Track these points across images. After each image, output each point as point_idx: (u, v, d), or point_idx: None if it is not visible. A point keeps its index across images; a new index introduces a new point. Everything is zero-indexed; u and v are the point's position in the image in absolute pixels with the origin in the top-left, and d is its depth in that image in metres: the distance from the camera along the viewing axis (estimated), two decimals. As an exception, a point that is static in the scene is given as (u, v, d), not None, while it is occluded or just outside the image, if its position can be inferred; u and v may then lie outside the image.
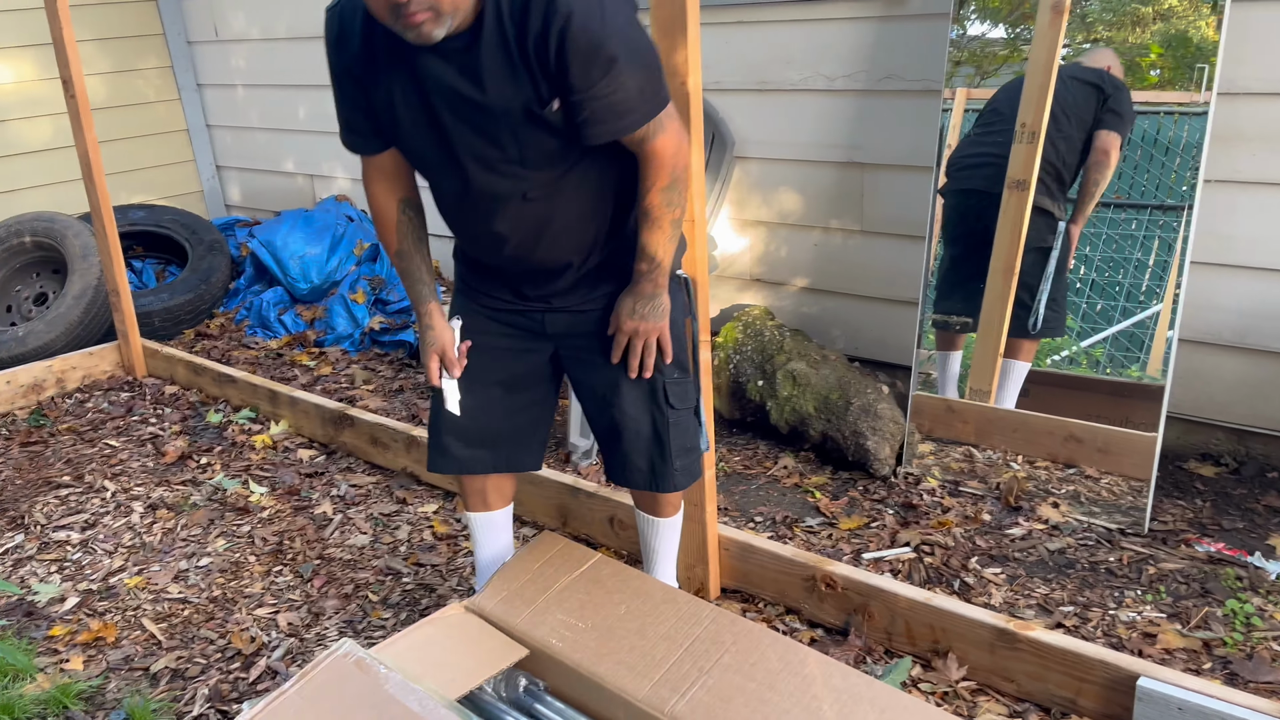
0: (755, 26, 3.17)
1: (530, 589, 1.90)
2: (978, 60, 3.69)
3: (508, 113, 1.58)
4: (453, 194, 1.72)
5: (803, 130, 3.18)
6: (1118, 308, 3.00)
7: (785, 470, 2.90)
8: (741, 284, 3.50)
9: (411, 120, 1.64)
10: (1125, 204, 2.93)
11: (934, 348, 3.07)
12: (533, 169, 1.65)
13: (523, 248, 1.74)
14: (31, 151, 4.76)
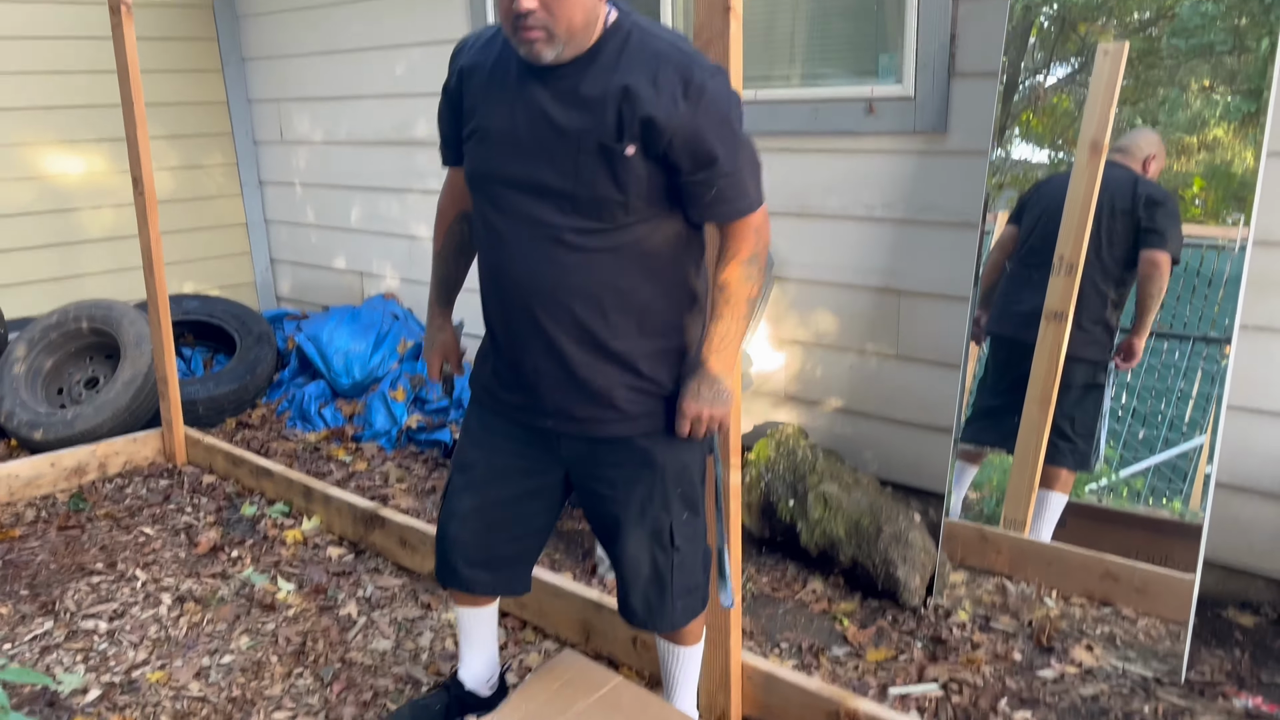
0: (798, 154, 3.26)
1: (547, 710, 1.88)
2: (1019, 184, 3.75)
3: (580, 140, 1.65)
4: (498, 222, 1.76)
5: (841, 255, 3.24)
6: (1160, 438, 2.97)
7: (814, 594, 2.86)
8: (775, 401, 3.52)
9: (496, 134, 1.74)
10: (1168, 334, 2.93)
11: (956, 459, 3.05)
12: (581, 211, 1.69)
13: (546, 303, 1.74)
14: (94, 240, 4.96)
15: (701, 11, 1.91)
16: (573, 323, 1.75)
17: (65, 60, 4.76)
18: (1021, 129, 3.53)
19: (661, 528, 1.85)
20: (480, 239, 1.84)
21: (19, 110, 4.66)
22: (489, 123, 1.74)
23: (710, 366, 1.78)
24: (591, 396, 1.81)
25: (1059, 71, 3.07)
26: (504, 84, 1.73)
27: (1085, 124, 3.04)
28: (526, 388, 1.84)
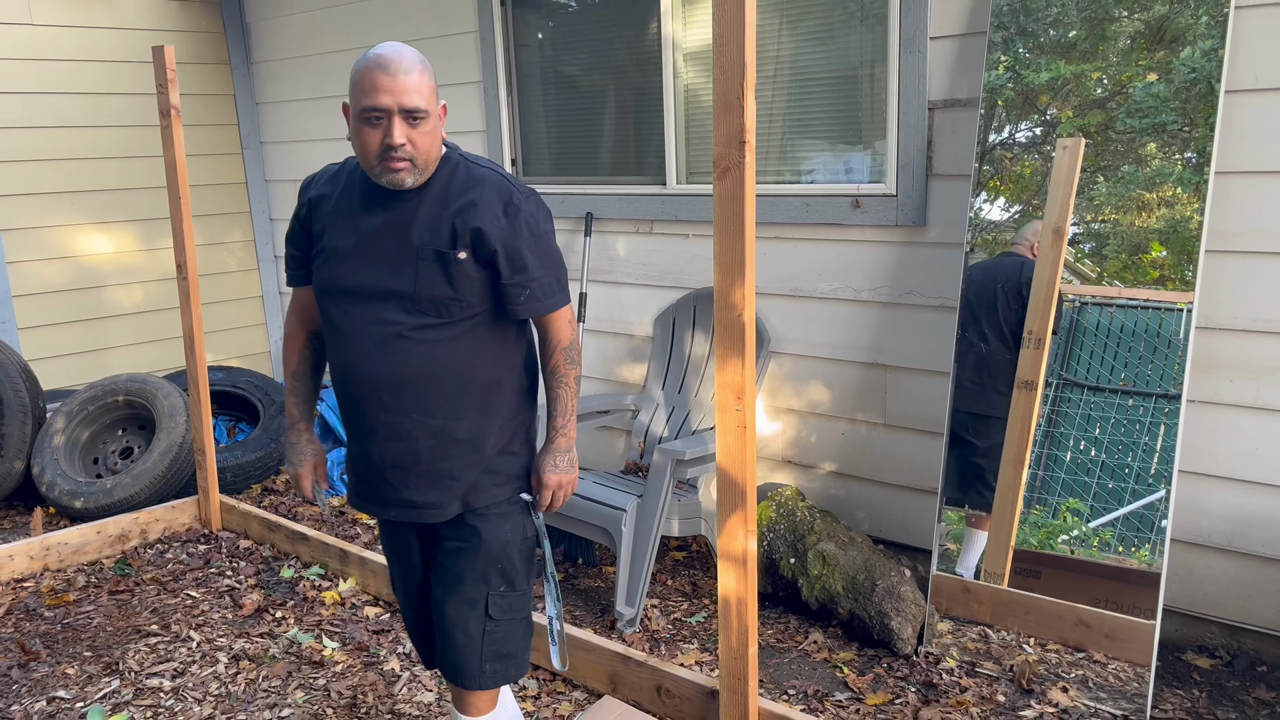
0: (791, 242, 3.61)
1: (596, 751, 2.15)
2: (989, 246, 4.11)
3: (419, 251, 1.94)
4: (347, 325, 1.98)
5: (831, 333, 3.57)
6: (1128, 489, 3.29)
7: (815, 645, 3.14)
8: (774, 464, 3.82)
9: (344, 251, 1.98)
10: (1131, 391, 3.26)
11: (964, 525, 3.36)
12: (421, 309, 1.95)
13: (394, 393, 1.97)
14: (122, 315, 5.23)
15: (720, 144, 2.24)
16: (419, 408, 1.99)
17: (98, 147, 5.08)
18: (990, 194, 3.88)
19: (479, 598, 2.06)
20: (331, 344, 2.04)
21: (53, 194, 4.96)
22: (337, 242, 1.99)
23: (561, 440, 2.11)
24: (435, 481, 2.03)
25: (1022, 140, 3.42)
26: (350, 210, 2.00)
27: (1048, 212, 3.40)
28: (376, 479, 2.06)
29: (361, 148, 1.89)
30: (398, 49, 1.89)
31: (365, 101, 1.86)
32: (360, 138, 1.88)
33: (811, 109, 3.59)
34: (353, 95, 1.90)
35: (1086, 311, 3.97)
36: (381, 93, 1.85)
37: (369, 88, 1.86)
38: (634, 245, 4.11)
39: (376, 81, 1.85)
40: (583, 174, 4.31)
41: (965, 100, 3.17)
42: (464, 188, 1.98)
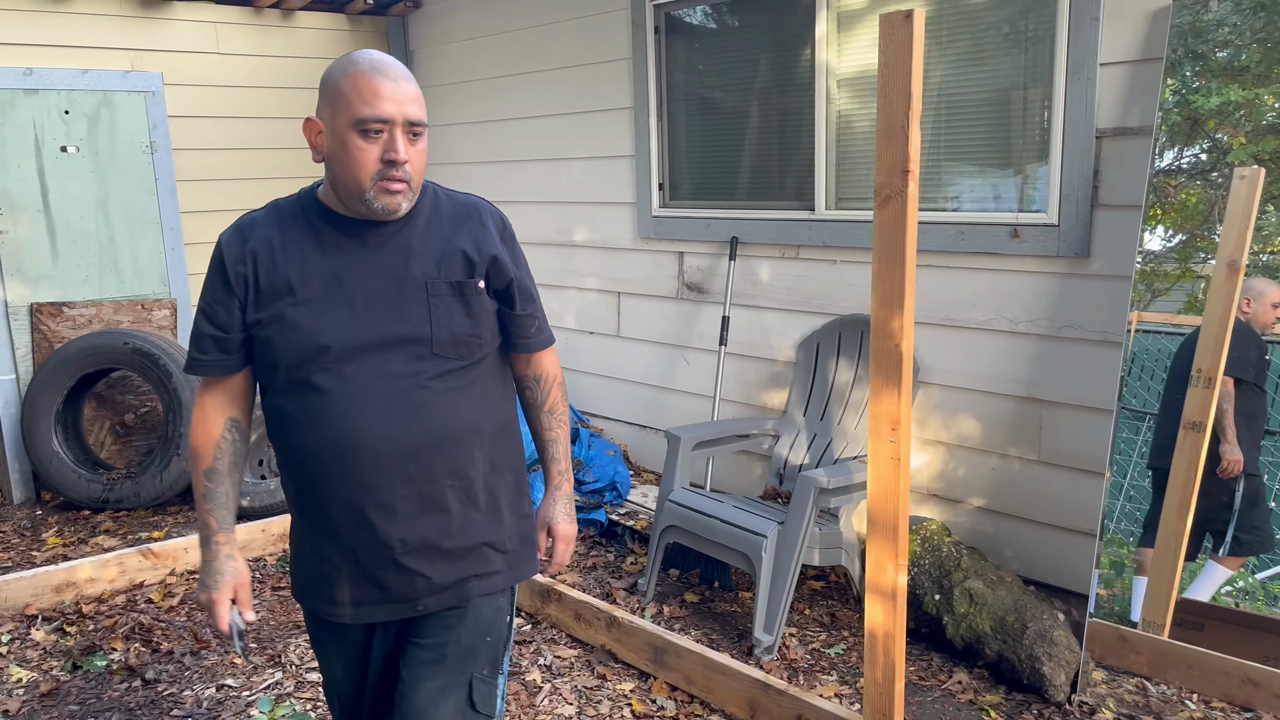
0: (943, 270, 3.54)
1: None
2: (1148, 279, 3.93)
3: (430, 286, 1.68)
4: (341, 390, 1.65)
5: (984, 364, 3.48)
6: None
7: (960, 685, 3.06)
8: (919, 497, 3.75)
9: (324, 301, 1.66)
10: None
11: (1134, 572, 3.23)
12: (441, 353, 1.69)
13: (418, 458, 1.67)
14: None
15: (883, 172, 2.24)
16: (449, 470, 1.71)
17: (273, 168, 5.41)
18: (1150, 224, 3.71)
19: (460, 684, 1.75)
20: (309, 417, 1.67)
21: (231, 212, 5.29)
22: (307, 294, 1.66)
23: (566, 485, 1.91)
24: (466, 556, 1.76)
25: (1187, 167, 3.27)
26: (313, 253, 1.68)
27: (1223, 244, 3.25)
28: (383, 574, 1.72)
29: (351, 166, 1.61)
30: (384, 55, 1.65)
31: (364, 111, 1.58)
32: (349, 154, 1.60)
33: (968, 134, 3.53)
34: (340, 104, 1.60)
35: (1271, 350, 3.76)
36: (385, 100, 1.58)
37: (368, 95, 1.58)
38: (778, 270, 4.11)
39: (378, 87, 1.58)
40: (728, 199, 4.34)
41: (1137, 128, 3.06)
42: (459, 214, 1.77)
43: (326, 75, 1.65)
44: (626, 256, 4.76)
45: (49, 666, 3.18)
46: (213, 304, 1.71)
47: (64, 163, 4.75)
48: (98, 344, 4.54)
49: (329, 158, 1.65)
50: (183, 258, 5.10)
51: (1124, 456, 3.81)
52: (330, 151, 1.64)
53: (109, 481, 4.54)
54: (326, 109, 1.63)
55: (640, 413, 4.85)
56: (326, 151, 1.65)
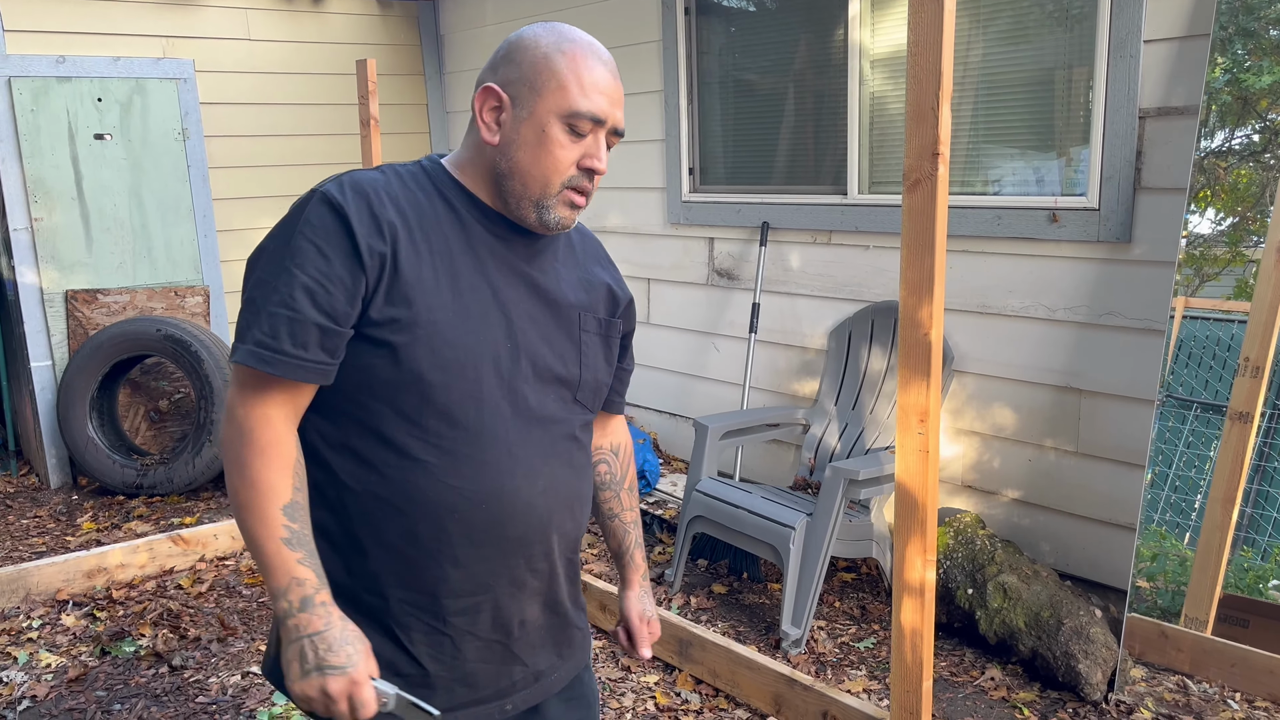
0: (979, 256, 3.44)
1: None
2: (1196, 263, 3.80)
3: (581, 319, 1.40)
4: (491, 426, 1.29)
5: (1021, 353, 3.38)
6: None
7: (992, 682, 2.98)
8: (953, 488, 3.66)
9: (482, 310, 1.30)
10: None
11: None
12: (582, 401, 1.42)
13: (560, 525, 1.38)
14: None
15: (912, 155, 2.16)
16: (573, 544, 1.44)
17: (305, 154, 5.41)
18: (1199, 206, 3.57)
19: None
20: (439, 469, 1.27)
21: (264, 199, 5.32)
22: (463, 299, 1.28)
23: (645, 579, 1.65)
24: (569, 635, 1.48)
25: (1237, 148, 3.14)
26: (464, 248, 1.31)
27: (1273, 228, 3.12)
28: (499, 661, 1.38)
29: (546, 162, 1.28)
30: (589, 36, 1.34)
31: (582, 104, 1.26)
32: (546, 148, 1.27)
33: (1004, 115, 3.42)
34: (550, 85, 1.27)
35: (1310, 336, 3.63)
36: (605, 97, 1.28)
37: (589, 85, 1.27)
38: (810, 256, 4.03)
39: (599, 79, 1.28)
40: (759, 183, 4.26)
41: (1182, 108, 2.94)
42: (588, 243, 1.50)
43: (526, 44, 1.29)
44: (656, 242, 4.70)
45: (78, 652, 3.20)
46: (325, 282, 1.21)
47: (97, 150, 4.78)
48: (131, 331, 4.57)
49: (508, 142, 1.29)
50: (215, 245, 5.12)
51: (1169, 446, 3.69)
52: (514, 137, 1.28)
53: (143, 467, 4.58)
54: (524, 85, 1.28)
55: (670, 400, 4.79)
56: (506, 134, 1.29)
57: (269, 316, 1.21)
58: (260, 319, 1.22)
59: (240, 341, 1.23)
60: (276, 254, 1.24)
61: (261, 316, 1.22)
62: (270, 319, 1.21)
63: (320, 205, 1.24)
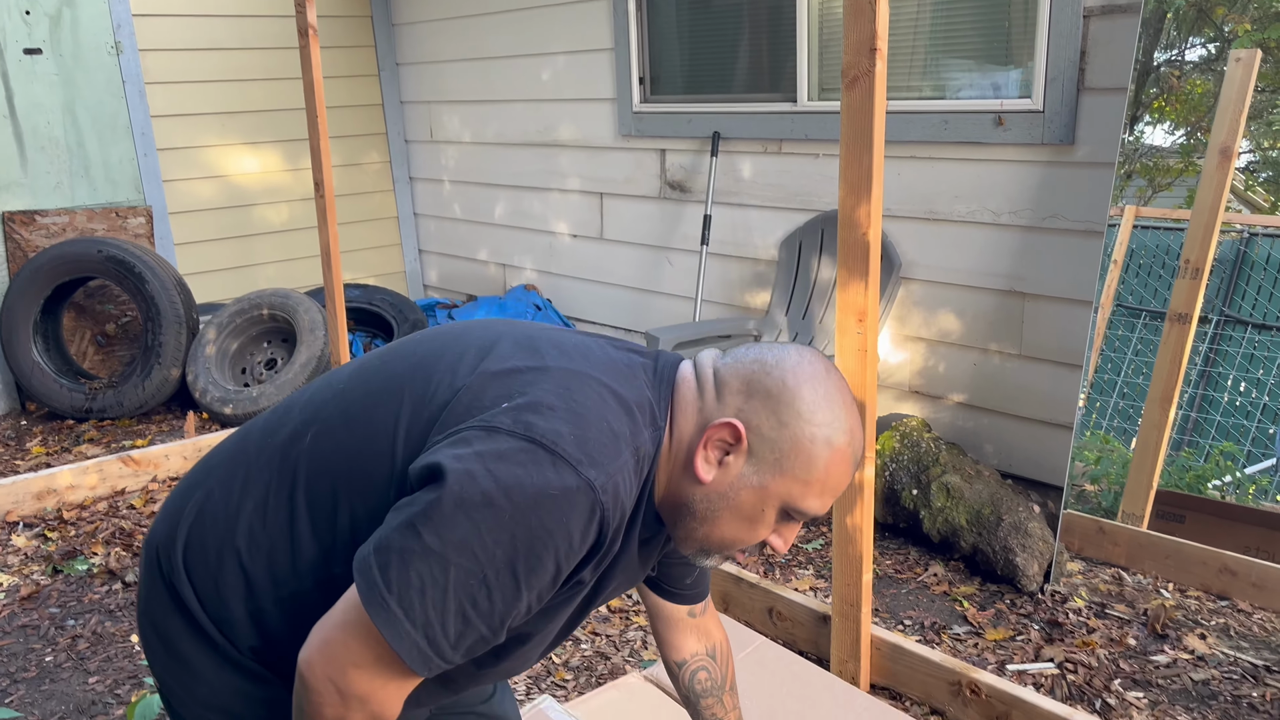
0: (927, 162, 3.44)
1: (703, 666, 2.16)
2: (1149, 173, 3.82)
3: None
4: (522, 654, 1.20)
5: (967, 258, 3.41)
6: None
7: (935, 578, 3.07)
8: (899, 394, 3.72)
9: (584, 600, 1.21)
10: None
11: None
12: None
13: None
14: (270, 232, 5.46)
15: (850, 51, 2.13)
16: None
17: (246, 69, 5.25)
18: (1153, 116, 3.57)
19: None
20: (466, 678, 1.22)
21: (205, 115, 5.17)
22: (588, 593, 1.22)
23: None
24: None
25: (1193, 59, 3.14)
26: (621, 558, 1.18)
27: (1215, 130, 3.15)
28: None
29: (747, 535, 1.15)
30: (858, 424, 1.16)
31: (814, 507, 1.13)
32: (754, 524, 1.14)
33: (952, 19, 3.39)
34: (795, 473, 1.11)
35: (1255, 243, 3.68)
36: (831, 499, 1.16)
37: (830, 490, 1.14)
38: (761, 166, 4.01)
39: (842, 485, 1.15)
40: (711, 92, 4.21)
41: (1125, 6, 2.92)
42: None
43: (801, 410, 1.11)
44: (608, 156, 4.65)
45: (29, 571, 3.20)
46: (535, 605, 1.09)
47: (28, 66, 4.61)
48: (71, 252, 4.47)
49: (719, 495, 1.13)
50: (156, 164, 5.00)
51: (1119, 354, 3.76)
52: (730, 493, 1.13)
53: (91, 391, 4.53)
54: (772, 450, 1.11)
55: (624, 316, 4.80)
56: (722, 484, 1.13)
57: (464, 624, 1.01)
58: (450, 619, 1.00)
59: (406, 616, 0.98)
60: (511, 548, 0.99)
61: (452, 617, 1.00)
62: (463, 628, 1.01)
63: (589, 520, 1.02)
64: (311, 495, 1.13)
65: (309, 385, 1.26)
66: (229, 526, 1.15)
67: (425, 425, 1.09)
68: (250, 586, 1.14)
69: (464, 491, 0.97)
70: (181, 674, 1.18)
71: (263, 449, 1.19)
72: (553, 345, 1.15)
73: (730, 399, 1.12)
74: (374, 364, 1.21)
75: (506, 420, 1.03)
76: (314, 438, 1.16)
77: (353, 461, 1.12)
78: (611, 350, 1.18)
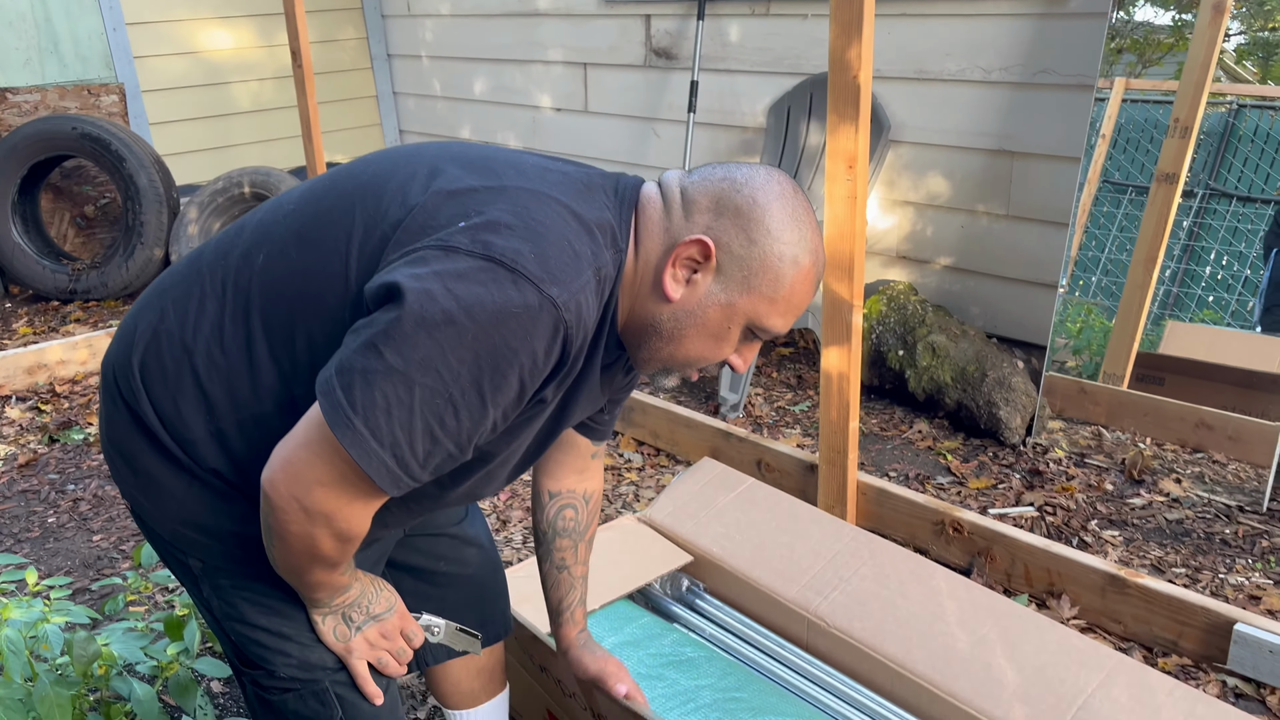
0: (917, 19, 3.38)
1: (693, 505, 2.22)
2: (1140, 48, 3.77)
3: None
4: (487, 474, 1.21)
5: (956, 118, 3.38)
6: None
7: (920, 434, 3.14)
8: (887, 260, 3.73)
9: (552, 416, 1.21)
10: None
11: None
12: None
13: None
14: (247, 111, 5.34)
15: (841, -118, 2.07)
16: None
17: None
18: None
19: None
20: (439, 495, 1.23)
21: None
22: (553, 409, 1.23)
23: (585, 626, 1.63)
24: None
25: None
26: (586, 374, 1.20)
27: (1209, -17, 3.09)
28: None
29: (711, 352, 1.16)
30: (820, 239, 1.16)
31: (778, 325, 1.14)
32: (719, 341, 1.15)
33: None
34: (760, 290, 1.11)
35: (1244, 115, 3.65)
36: (794, 318, 1.16)
37: (792, 308, 1.14)
38: (749, 29, 3.92)
39: (804, 302, 1.15)
40: (697, -46, 4.09)
41: None
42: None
43: (770, 228, 1.10)
44: (591, 24, 4.54)
45: (25, 441, 3.23)
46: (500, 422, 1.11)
47: (-14, -66, 4.43)
48: (45, 130, 4.38)
49: (686, 312, 1.12)
50: (126, 39, 4.85)
51: (1103, 231, 3.76)
52: (697, 311, 1.12)
53: (75, 272, 4.49)
54: (740, 268, 1.10)
55: (611, 190, 4.75)
56: (690, 302, 1.12)
57: (432, 443, 1.01)
58: (418, 438, 1.00)
59: (373, 436, 0.98)
60: (476, 366, 0.99)
61: (420, 436, 1.00)
62: (431, 447, 1.01)
63: (552, 337, 1.02)
64: (267, 319, 1.12)
65: (261, 206, 1.25)
66: (186, 348, 1.15)
67: (378, 244, 1.07)
68: (210, 408, 1.14)
69: (424, 310, 0.96)
70: (149, 491, 1.19)
71: (215, 269, 1.17)
72: (509, 165, 1.13)
73: (699, 216, 1.11)
74: (323, 185, 1.19)
75: (464, 240, 1.01)
76: (266, 259, 1.14)
77: (306, 283, 1.10)
78: (571, 170, 1.16)
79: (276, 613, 1.21)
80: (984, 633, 1.76)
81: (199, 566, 1.22)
